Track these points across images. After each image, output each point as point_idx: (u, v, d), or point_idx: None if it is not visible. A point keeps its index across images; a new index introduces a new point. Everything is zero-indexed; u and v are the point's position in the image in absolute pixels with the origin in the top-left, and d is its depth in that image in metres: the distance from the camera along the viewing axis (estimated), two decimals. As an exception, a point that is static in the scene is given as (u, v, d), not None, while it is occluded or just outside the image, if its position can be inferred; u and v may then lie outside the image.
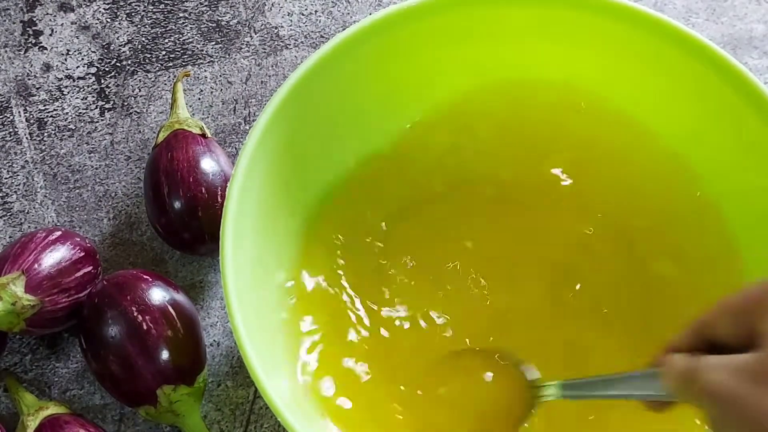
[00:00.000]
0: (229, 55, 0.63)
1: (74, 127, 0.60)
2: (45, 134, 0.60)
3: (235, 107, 0.61)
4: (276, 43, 0.63)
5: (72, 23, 0.63)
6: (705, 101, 0.51)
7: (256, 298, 0.47)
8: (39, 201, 0.59)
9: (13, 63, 0.62)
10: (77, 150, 0.60)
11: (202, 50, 0.63)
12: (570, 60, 0.53)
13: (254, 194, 0.48)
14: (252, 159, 0.47)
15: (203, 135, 0.56)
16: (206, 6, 0.64)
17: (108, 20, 0.63)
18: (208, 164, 0.54)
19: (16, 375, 0.54)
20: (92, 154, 0.60)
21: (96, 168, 0.59)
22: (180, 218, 0.54)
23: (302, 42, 0.63)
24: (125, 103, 0.61)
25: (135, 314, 0.50)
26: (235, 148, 0.60)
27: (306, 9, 0.64)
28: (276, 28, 0.64)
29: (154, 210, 0.55)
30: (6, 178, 0.59)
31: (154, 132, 0.60)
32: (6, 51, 0.62)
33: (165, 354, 0.49)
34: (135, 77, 0.62)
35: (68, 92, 0.61)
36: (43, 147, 0.60)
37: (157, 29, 0.63)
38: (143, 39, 0.63)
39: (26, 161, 0.60)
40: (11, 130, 0.60)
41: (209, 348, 0.55)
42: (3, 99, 0.61)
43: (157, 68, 0.62)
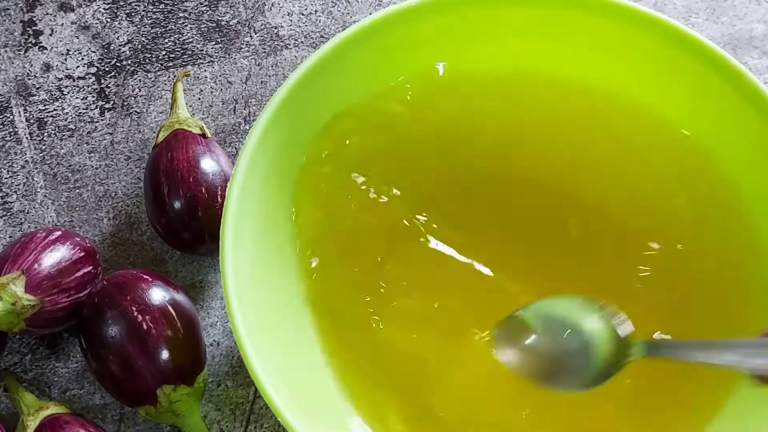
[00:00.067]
0: (229, 55, 0.63)
1: (74, 127, 0.60)
2: (45, 134, 0.60)
3: (235, 107, 0.61)
4: (276, 43, 0.63)
5: (72, 23, 0.63)
6: (705, 101, 0.51)
7: (256, 298, 0.47)
8: (39, 201, 0.59)
9: (13, 63, 0.62)
10: (77, 150, 0.60)
11: (202, 50, 0.63)
12: (570, 60, 0.53)
13: (254, 194, 0.48)
14: (252, 159, 0.47)
15: (203, 135, 0.56)
16: (206, 6, 0.64)
17: (108, 20, 0.63)
18: (208, 164, 0.54)
19: (16, 375, 0.54)
20: (92, 154, 0.60)
21: (96, 168, 0.59)
22: (180, 218, 0.54)
23: (302, 42, 0.63)
24: (125, 103, 0.61)
25: (135, 314, 0.50)
26: (235, 148, 0.60)
27: (306, 9, 0.64)
28: (276, 28, 0.64)
29: (154, 210, 0.55)
30: (6, 178, 0.59)
31: (154, 132, 0.60)
32: (6, 51, 0.62)
33: (165, 354, 0.49)
34: (135, 77, 0.62)
35: (68, 92, 0.61)
36: (43, 147, 0.60)
37: (157, 29, 0.63)
38: (143, 39, 0.63)
39: (26, 161, 0.59)
40: (11, 130, 0.60)
41: (209, 348, 0.55)
42: (3, 99, 0.61)
43: (157, 68, 0.62)
